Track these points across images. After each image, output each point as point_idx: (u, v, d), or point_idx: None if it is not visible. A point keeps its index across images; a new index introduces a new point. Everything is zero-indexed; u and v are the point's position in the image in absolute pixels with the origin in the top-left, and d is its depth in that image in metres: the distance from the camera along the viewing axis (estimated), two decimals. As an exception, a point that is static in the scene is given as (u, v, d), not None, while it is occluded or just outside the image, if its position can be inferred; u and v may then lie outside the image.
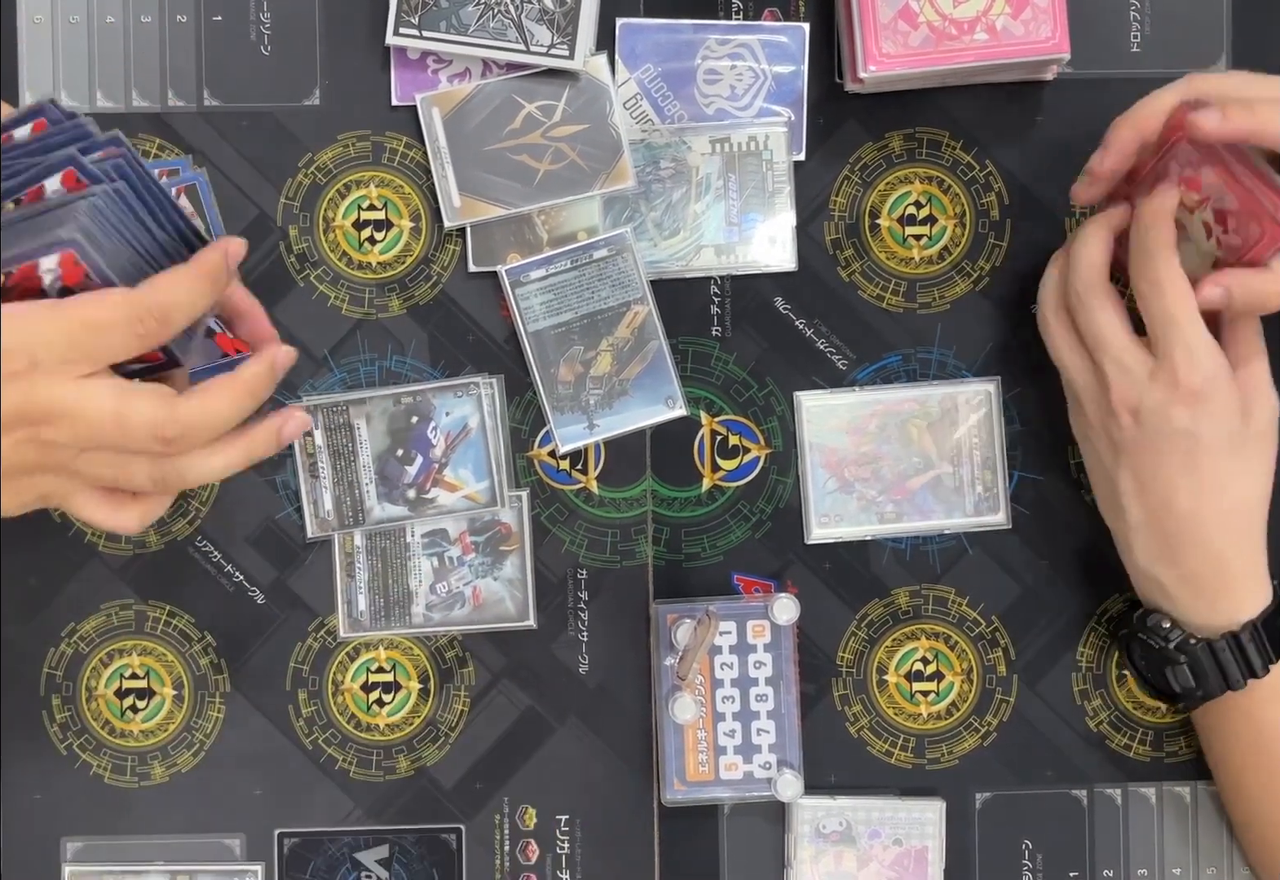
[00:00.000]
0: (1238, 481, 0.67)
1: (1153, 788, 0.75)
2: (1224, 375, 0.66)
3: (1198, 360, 0.65)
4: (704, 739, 0.73)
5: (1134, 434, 0.67)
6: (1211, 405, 0.66)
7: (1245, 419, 0.67)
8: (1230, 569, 0.68)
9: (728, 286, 0.75)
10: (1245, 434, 0.67)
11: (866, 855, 0.74)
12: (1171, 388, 0.65)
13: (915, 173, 0.75)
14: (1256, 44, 0.75)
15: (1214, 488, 0.67)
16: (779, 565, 0.75)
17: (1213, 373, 0.65)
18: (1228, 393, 0.66)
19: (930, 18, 0.68)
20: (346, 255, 0.74)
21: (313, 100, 0.74)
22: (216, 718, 0.74)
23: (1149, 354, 0.66)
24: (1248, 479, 0.68)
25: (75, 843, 0.74)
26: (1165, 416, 0.66)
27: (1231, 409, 0.66)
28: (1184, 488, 0.67)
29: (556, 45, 0.71)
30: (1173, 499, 0.68)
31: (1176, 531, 0.68)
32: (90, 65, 0.74)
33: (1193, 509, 0.68)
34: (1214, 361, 0.65)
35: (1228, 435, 0.66)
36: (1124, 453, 0.68)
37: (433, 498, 0.74)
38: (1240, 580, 0.69)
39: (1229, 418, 0.66)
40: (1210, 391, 0.65)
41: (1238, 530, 0.68)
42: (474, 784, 0.75)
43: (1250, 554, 0.69)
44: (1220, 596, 0.69)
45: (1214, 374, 0.65)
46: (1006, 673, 0.75)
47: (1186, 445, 0.66)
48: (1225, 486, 0.67)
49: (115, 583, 0.74)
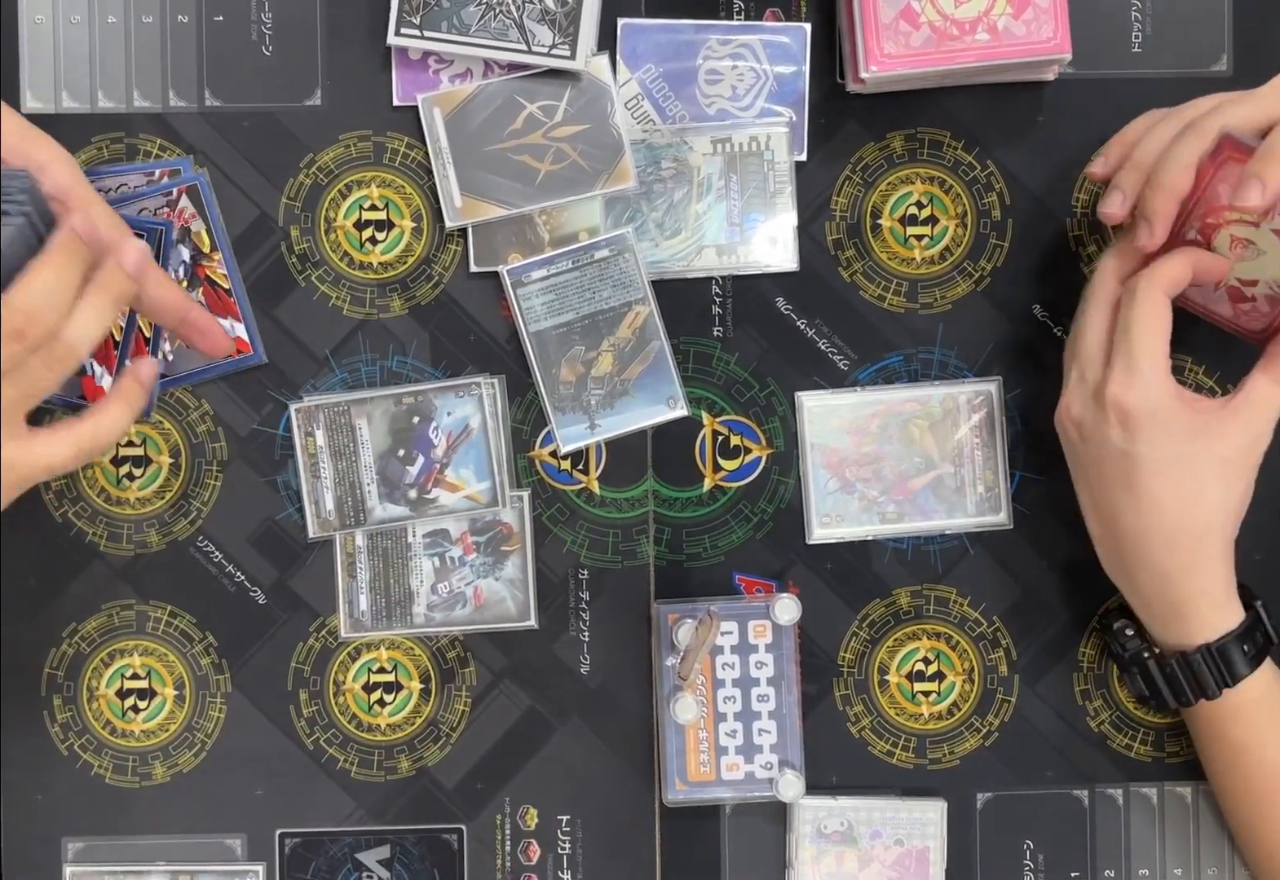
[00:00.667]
0: (1183, 505, 0.66)
1: (1154, 788, 0.76)
2: (1164, 397, 0.65)
3: (1135, 379, 0.64)
4: (705, 739, 0.73)
5: (1081, 448, 0.68)
6: (1149, 427, 0.65)
7: (1201, 441, 0.65)
8: (1178, 592, 0.67)
9: (729, 287, 0.75)
10: (1201, 457, 0.65)
11: (868, 855, 0.74)
12: (1105, 405, 0.66)
13: (917, 173, 0.75)
14: (1257, 44, 0.75)
15: (1154, 510, 0.66)
16: (780, 565, 0.75)
17: (1151, 395, 0.64)
18: (1169, 414, 0.65)
19: (932, 18, 0.68)
20: (348, 255, 0.74)
21: (314, 100, 0.74)
22: (218, 718, 0.74)
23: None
24: (1194, 503, 0.66)
25: (76, 843, 0.74)
26: (1103, 434, 0.66)
27: (1173, 432, 0.65)
28: (1126, 506, 0.67)
29: (558, 45, 0.71)
30: (1118, 516, 0.68)
31: (1125, 550, 0.68)
32: (91, 65, 0.73)
33: (1137, 528, 0.67)
34: (1155, 383, 0.64)
35: (1172, 458, 0.65)
36: (1077, 465, 0.69)
37: (434, 498, 0.74)
38: (1191, 603, 0.67)
39: (1169, 440, 0.65)
40: (1145, 413, 0.64)
41: (1186, 553, 0.67)
42: (475, 784, 0.75)
43: (1204, 578, 0.67)
44: (1172, 619, 0.68)
45: (1150, 396, 0.64)
46: (1008, 673, 0.75)
47: (1124, 464, 0.66)
48: (1165, 510, 0.66)
49: (116, 583, 0.74)
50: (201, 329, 0.69)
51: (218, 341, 0.70)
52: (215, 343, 0.70)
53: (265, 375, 0.74)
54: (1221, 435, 0.65)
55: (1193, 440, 0.65)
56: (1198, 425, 0.65)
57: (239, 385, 0.74)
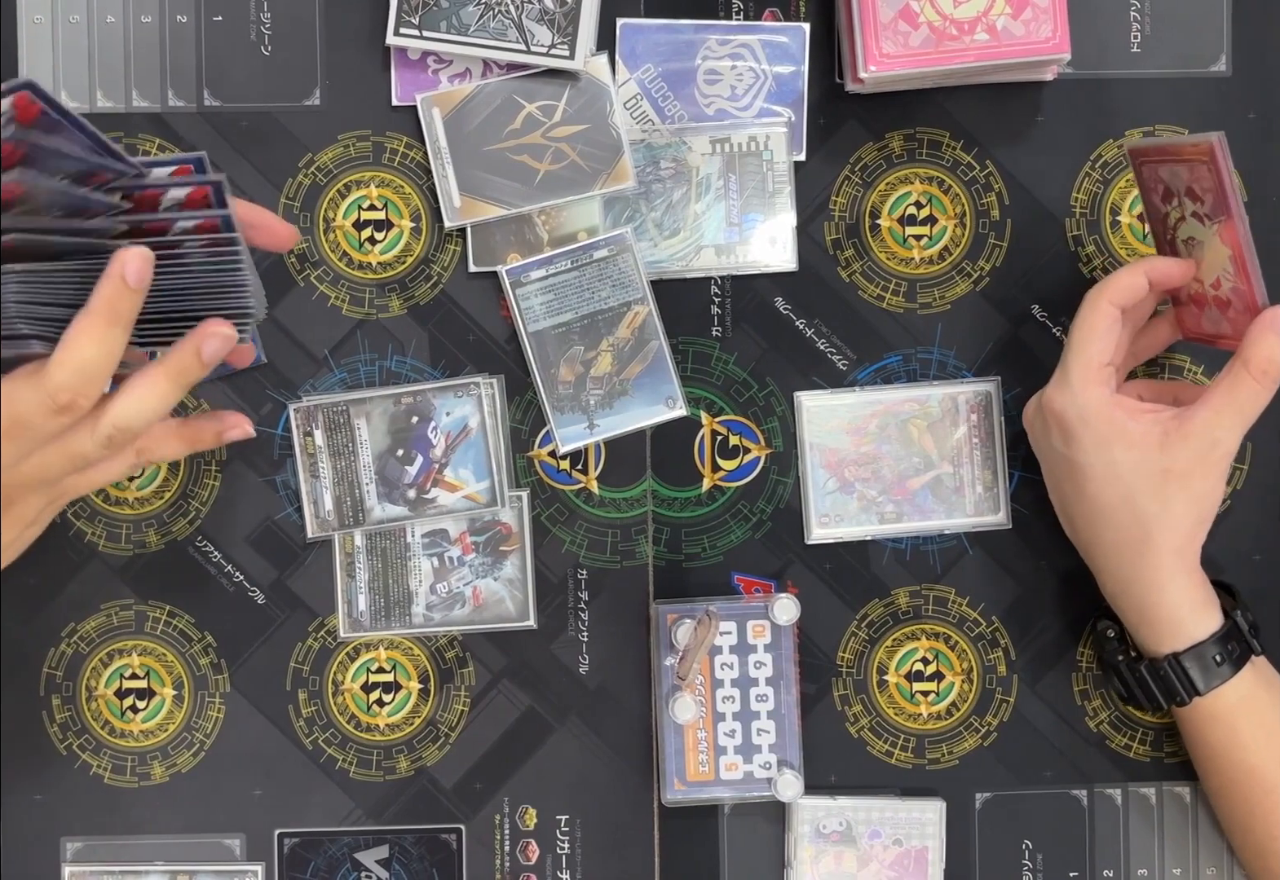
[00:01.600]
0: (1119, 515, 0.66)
1: (1153, 788, 0.76)
2: (1094, 403, 0.65)
3: (1064, 385, 0.65)
4: (704, 739, 0.73)
5: (1037, 451, 0.70)
6: (1080, 432, 0.65)
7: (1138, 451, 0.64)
8: (1137, 601, 0.68)
9: (728, 287, 0.75)
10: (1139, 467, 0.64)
11: (867, 855, 0.74)
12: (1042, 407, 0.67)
13: (915, 173, 0.75)
14: (1256, 44, 0.75)
15: (1099, 517, 0.66)
16: (779, 565, 0.75)
17: (1078, 400, 0.65)
18: (1100, 421, 0.64)
19: (931, 18, 0.68)
20: (347, 255, 0.74)
21: (313, 100, 0.74)
22: (216, 718, 0.74)
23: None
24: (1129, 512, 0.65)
25: (75, 843, 0.74)
26: (1048, 438, 0.67)
27: (1105, 439, 0.65)
28: (1076, 512, 0.68)
29: (557, 45, 0.71)
30: (1072, 520, 0.69)
31: (1085, 554, 0.70)
32: (90, 65, 0.73)
33: (1088, 535, 0.68)
34: (1083, 389, 0.65)
35: (1106, 464, 0.65)
36: (1042, 467, 0.70)
37: (433, 498, 0.74)
38: (1152, 612, 0.67)
39: (1102, 447, 0.65)
40: (1074, 418, 0.65)
41: (1131, 566, 0.67)
42: (474, 784, 0.75)
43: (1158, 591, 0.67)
44: (1139, 624, 0.69)
45: (1077, 401, 0.65)
46: (1006, 673, 0.75)
47: (1069, 469, 0.67)
48: (1106, 517, 0.66)
49: (115, 583, 0.74)
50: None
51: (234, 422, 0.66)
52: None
53: (264, 375, 0.74)
54: (1164, 445, 0.64)
55: (1129, 449, 0.64)
56: (1136, 434, 0.64)
57: (238, 385, 0.74)
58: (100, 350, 0.55)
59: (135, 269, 0.55)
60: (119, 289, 0.55)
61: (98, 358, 0.55)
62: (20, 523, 0.59)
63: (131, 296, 0.55)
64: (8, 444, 0.55)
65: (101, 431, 0.56)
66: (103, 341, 0.55)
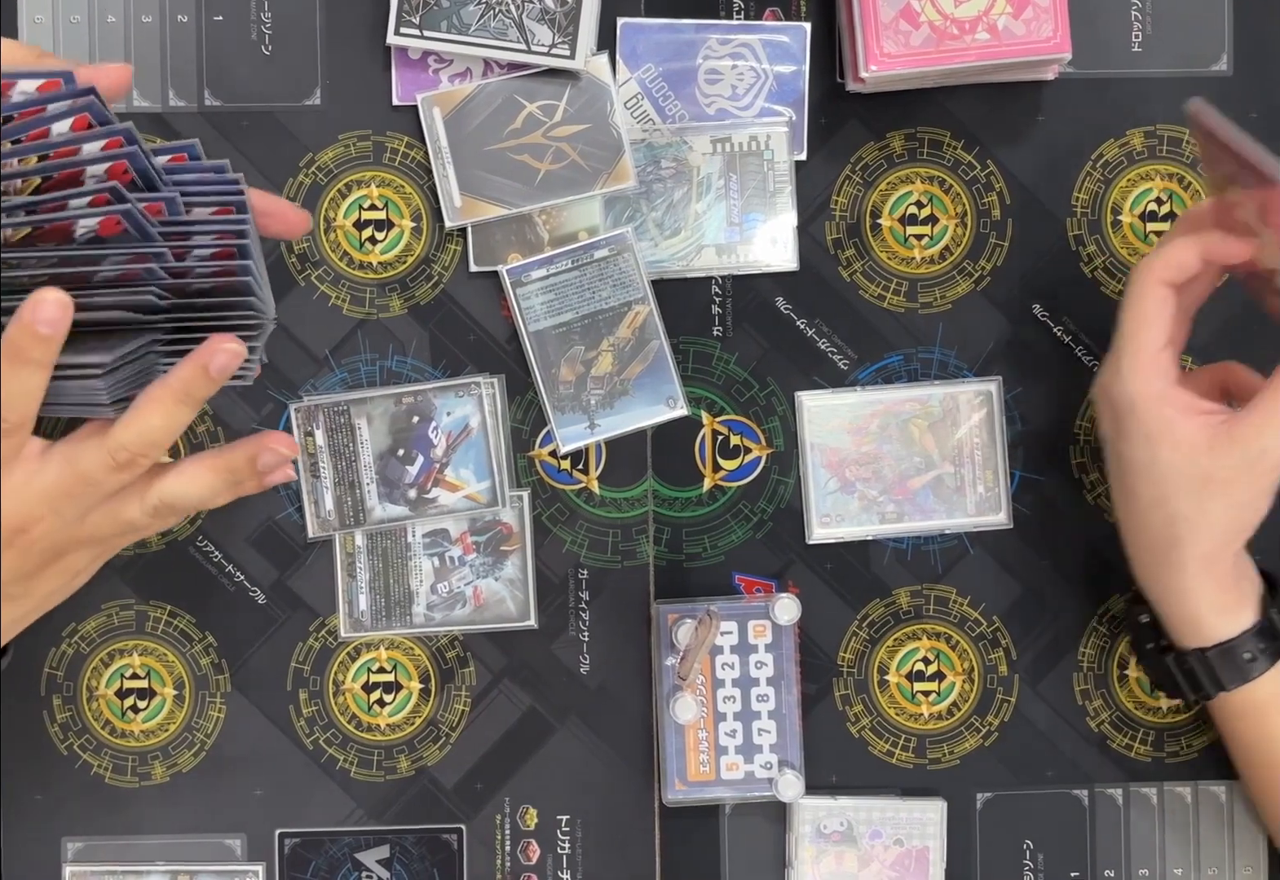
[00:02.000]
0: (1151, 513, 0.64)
1: (1154, 788, 0.75)
2: (1146, 394, 0.62)
3: (1118, 371, 0.63)
4: (705, 739, 0.73)
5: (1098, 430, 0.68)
6: (1128, 422, 0.63)
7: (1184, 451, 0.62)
8: (1168, 593, 0.66)
9: (729, 286, 0.75)
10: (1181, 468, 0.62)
11: (868, 855, 0.74)
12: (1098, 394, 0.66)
13: (916, 172, 0.75)
14: (1258, 43, 0.75)
15: (1133, 509, 0.65)
16: (780, 565, 0.75)
17: (1129, 389, 0.62)
18: (1149, 414, 0.62)
19: (932, 17, 0.68)
20: (347, 255, 0.74)
21: (314, 100, 0.74)
22: (217, 718, 0.74)
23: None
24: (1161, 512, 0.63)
25: (76, 843, 0.74)
26: (1101, 420, 0.67)
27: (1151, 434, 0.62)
28: (1121, 504, 0.67)
29: (557, 45, 0.71)
30: (1120, 510, 0.68)
31: (1127, 542, 0.68)
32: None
33: (1125, 523, 0.67)
34: (1135, 377, 0.62)
35: (1148, 460, 0.62)
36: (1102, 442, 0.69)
37: (434, 498, 0.74)
38: (1181, 607, 0.66)
39: (1146, 442, 0.62)
40: (1124, 406, 0.63)
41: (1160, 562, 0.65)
42: (475, 784, 0.75)
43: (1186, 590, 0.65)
44: (1168, 615, 0.67)
45: (1129, 389, 0.62)
46: (1008, 673, 0.75)
47: (1114, 460, 0.66)
48: (1140, 511, 0.65)
49: (116, 583, 0.74)
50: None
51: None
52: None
53: (264, 375, 0.74)
54: (1211, 450, 0.61)
55: (1174, 450, 0.62)
56: (1183, 436, 0.62)
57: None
58: (166, 422, 0.57)
59: (220, 364, 0.57)
60: (198, 375, 0.57)
61: (163, 427, 0.57)
62: (68, 573, 0.62)
63: (209, 385, 0.57)
64: (70, 501, 0.58)
65: (149, 503, 0.60)
66: (170, 416, 0.57)
